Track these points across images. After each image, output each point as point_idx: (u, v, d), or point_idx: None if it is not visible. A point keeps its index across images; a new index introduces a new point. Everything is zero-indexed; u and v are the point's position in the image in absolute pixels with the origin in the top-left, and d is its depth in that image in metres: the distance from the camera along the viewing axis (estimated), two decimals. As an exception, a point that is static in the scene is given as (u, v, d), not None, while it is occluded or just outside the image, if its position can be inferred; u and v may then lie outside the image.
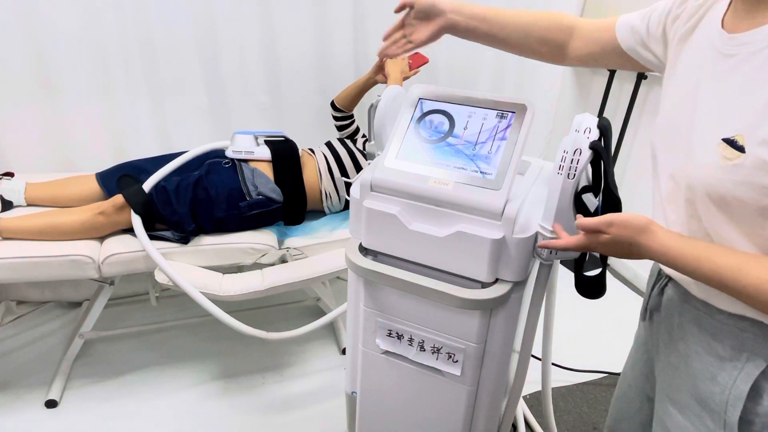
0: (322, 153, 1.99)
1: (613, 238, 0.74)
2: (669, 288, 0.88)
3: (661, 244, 0.71)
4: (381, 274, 1.00)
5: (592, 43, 1.01)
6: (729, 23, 0.74)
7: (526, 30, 1.04)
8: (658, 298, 0.90)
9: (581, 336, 2.16)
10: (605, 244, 0.75)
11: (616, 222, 0.73)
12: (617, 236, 0.73)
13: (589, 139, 0.84)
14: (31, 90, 1.95)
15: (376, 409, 1.23)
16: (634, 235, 0.72)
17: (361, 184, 1.02)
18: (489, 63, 2.53)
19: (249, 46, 2.14)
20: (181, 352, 2.02)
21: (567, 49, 1.04)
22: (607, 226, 0.74)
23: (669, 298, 0.87)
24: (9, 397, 1.79)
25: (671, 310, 0.86)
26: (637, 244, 0.73)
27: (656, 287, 0.91)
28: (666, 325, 0.88)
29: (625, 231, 0.73)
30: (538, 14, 1.05)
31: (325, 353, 2.06)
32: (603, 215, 0.75)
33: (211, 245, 1.73)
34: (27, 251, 1.58)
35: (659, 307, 0.90)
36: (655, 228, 0.72)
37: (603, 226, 0.74)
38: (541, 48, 1.05)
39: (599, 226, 0.75)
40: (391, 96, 1.16)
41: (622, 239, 0.73)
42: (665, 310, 0.88)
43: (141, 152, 2.02)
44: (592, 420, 1.82)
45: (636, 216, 0.73)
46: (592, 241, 0.77)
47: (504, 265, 0.95)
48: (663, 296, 0.89)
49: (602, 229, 0.74)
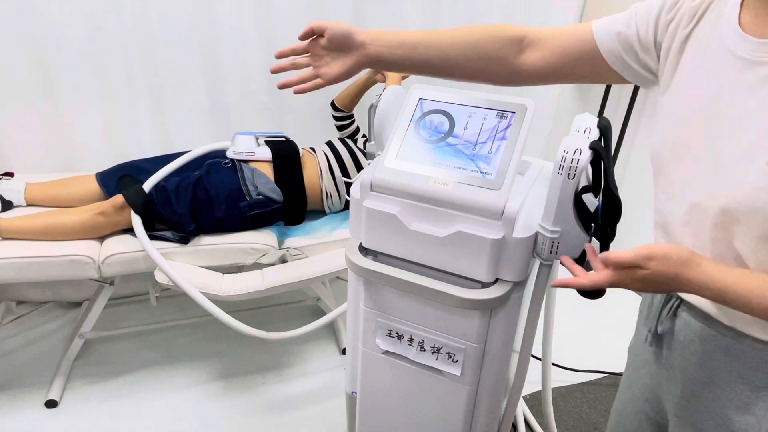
0: (323, 152, 1.99)
1: (652, 274, 0.66)
2: (683, 311, 0.81)
3: (710, 278, 0.65)
4: (381, 274, 1.00)
5: (555, 51, 0.87)
6: (751, 26, 0.67)
7: (468, 47, 0.89)
8: (670, 321, 0.83)
9: (581, 336, 2.16)
10: (642, 281, 0.67)
11: (656, 255, 0.65)
12: (657, 271, 0.66)
13: (589, 139, 0.84)
14: (32, 90, 1.95)
15: (376, 409, 1.23)
16: (678, 268, 0.65)
17: (361, 184, 1.02)
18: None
19: (249, 47, 2.14)
20: (181, 352, 2.02)
21: (519, 63, 0.90)
22: (645, 260, 0.66)
23: (685, 322, 0.80)
24: (9, 397, 1.79)
25: (689, 335, 0.80)
26: (681, 279, 0.66)
27: (666, 309, 0.84)
28: (683, 351, 0.81)
29: (668, 265, 0.65)
30: (478, 28, 0.90)
31: (325, 353, 2.06)
32: (640, 248, 0.67)
33: (211, 245, 1.73)
34: (27, 251, 1.58)
35: (672, 332, 0.83)
36: (699, 259, 0.66)
37: (641, 261, 0.66)
38: (489, 66, 0.90)
39: (636, 261, 0.66)
40: (391, 96, 1.16)
41: (663, 274, 0.66)
42: (681, 335, 0.81)
43: (141, 152, 2.02)
44: (592, 420, 1.82)
45: (676, 247, 0.66)
46: (626, 278, 0.68)
47: (504, 265, 0.95)
48: (676, 320, 0.82)
49: (640, 264, 0.66)
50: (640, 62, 0.81)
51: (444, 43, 0.89)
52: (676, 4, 0.76)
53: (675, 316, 0.83)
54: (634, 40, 0.80)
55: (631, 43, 0.80)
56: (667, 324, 0.84)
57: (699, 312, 0.78)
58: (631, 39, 0.80)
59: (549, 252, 0.93)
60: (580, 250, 0.93)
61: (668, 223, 0.77)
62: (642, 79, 0.84)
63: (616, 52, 0.82)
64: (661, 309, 0.85)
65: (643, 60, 0.81)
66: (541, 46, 0.88)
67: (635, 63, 0.82)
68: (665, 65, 0.78)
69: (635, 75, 0.84)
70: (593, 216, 0.92)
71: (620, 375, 1.97)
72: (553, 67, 0.88)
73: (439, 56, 0.90)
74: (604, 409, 1.87)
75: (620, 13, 0.83)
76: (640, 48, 0.80)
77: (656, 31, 0.78)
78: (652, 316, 0.87)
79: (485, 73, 0.92)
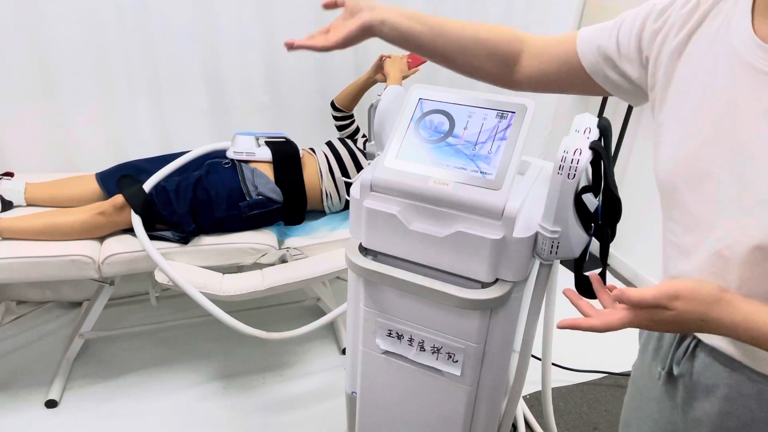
0: (323, 152, 1.99)
1: (678, 314, 0.60)
2: (701, 352, 0.73)
3: (746, 318, 0.59)
4: (381, 274, 1.00)
5: (546, 60, 0.85)
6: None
7: (472, 40, 0.87)
8: (687, 363, 0.75)
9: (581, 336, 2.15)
10: (666, 323, 0.61)
11: (682, 294, 0.59)
12: (684, 311, 0.59)
13: (589, 139, 0.84)
14: (32, 90, 1.95)
15: (376, 409, 1.23)
16: (707, 308, 0.59)
17: (361, 184, 1.02)
18: (489, 63, 2.53)
19: (249, 46, 2.14)
20: (181, 352, 2.02)
21: (517, 67, 0.88)
22: (670, 299, 0.59)
23: (706, 365, 0.73)
24: (9, 397, 1.79)
25: (713, 380, 0.72)
26: (712, 320, 0.60)
27: (681, 350, 0.76)
28: (708, 397, 0.74)
29: (696, 305, 0.59)
30: (486, 25, 0.89)
31: (325, 353, 2.06)
32: (663, 286, 0.60)
33: (211, 245, 1.73)
34: (27, 251, 1.58)
35: (690, 374, 0.76)
36: (731, 297, 0.60)
37: (665, 301, 0.59)
38: (488, 64, 0.89)
39: (660, 301, 0.59)
40: (391, 96, 1.16)
41: (690, 314, 0.60)
42: (703, 378, 0.74)
43: (141, 152, 2.02)
44: (592, 420, 1.82)
45: (704, 284, 0.61)
46: (647, 319, 0.62)
47: (504, 265, 0.95)
48: (695, 362, 0.74)
49: (664, 304, 0.60)
50: (622, 74, 0.77)
51: (452, 30, 0.87)
52: (664, 13, 0.71)
53: (693, 357, 0.75)
54: (614, 52, 0.76)
55: (611, 56, 0.77)
56: (684, 366, 0.76)
57: (721, 354, 0.71)
58: (611, 52, 0.77)
59: (549, 252, 0.93)
60: (580, 250, 0.93)
61: (686, 258, 0.70)
62: (627, 94, 0.80)
63: (597, 66, 0.79)
64: (675, 348, 0.77)
65: (624, 71, 0.77)
66: (535, 52, 0.86)
67: (618, 76, 0.78)
68: (655, 78, 0.72)
69: (618, 89, 0.80)
70: (593, 216, 0.92)
71: (620, 375, 1.99)
72: (543, 75, 0.86)
73: (443, 40, 0.87)
74: (604, 409, 1.87)
75: (607, 23, 0.79)
76: (621, 59, 0.76)
77: (640, 43, 0.73)
78: (663, 354, 0.80)
79: (483, 70, 0.90)
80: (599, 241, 0.93)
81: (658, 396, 0.84)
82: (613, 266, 2.78)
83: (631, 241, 2.66)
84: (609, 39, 0.77)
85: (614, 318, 0.64)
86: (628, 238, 2.66)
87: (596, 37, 0.79)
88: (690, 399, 0.77)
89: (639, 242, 2.62)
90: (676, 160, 0.68)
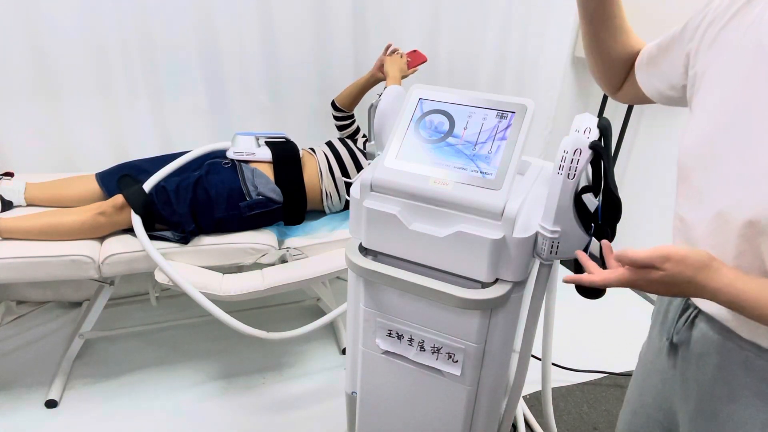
0: (323, 152, 1.99)
1: (667, 275, 0.64)
2: (701, 322, 0.78)
3: (729, 284, 0.63)
4: (381, 274, 1.00)
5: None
6: None
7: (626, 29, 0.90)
8: (686, 332, 0.81)
9: (581, 336, 2.16)
10: (656, 282, 0.65)
11: (672, 257, 0.63)
12: (672, 273, 0.64)
13: (589, 139, 0.84)
14: (31, 90, 1.95)
15: (376, 409, 1.23)
16: (694, 272, 0.64)
17: (361, 184, 1.02)
18: (489, 63, 2.53)
19: (249, 46, 2.14)
20: (181, 352, 2.02)
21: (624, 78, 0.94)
22: (662, 261, 0.64)
23: (702, 333, 0.78)
24: (9, 397, 1.79)
25: (707, 348, 0.77)
26: (697, 283, 0.64)
27: (683, 319, 0.81)
28: (699, 364, 0.79)
29: (683, 267, 0.64)
30: None
31: (325, 353, 2.06)
32: (657, 248, 0.65)
33: (211, 245, 1.73)
34: (27, 251, 1.58)
35: (688, 343, 0.81)
36: (718, 264, 0.64)
37: (657, 261, 0.64)
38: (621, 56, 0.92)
39: (652, 261, 0.64)
40: (391, 95, 1.16)
41: (678, 277, 0.64)
42: (698, 347, 0.79)
43: (141, 152, 2.02)
44: (592, 420, 1.82)
45: (695, 251, 0.65)
46: (640, 278, 0.66)
47: (504, 265, 0.95)
48: (693, 330, 0.79)
49: (656, 264, 0.64)
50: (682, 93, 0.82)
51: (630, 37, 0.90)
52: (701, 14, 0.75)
53: (692, 327, 0.80)
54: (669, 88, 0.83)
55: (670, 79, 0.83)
56: (683, 334, 0.81)
57: (717, 323, 0.75)
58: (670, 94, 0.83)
59: (549, 252, 0.93)
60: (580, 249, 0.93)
61: (689, 230, 0.75)
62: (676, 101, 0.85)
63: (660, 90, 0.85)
64: (678, 318, 0.82)
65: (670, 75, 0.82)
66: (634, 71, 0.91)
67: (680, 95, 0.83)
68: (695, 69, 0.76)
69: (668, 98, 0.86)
70: (593, 216, 0.92)
71: (620, 375, 1.99)
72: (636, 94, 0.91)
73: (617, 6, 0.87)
74: (604, 409, 1.87)
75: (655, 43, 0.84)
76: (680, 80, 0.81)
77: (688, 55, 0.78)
78: (668, 325, 0.85)
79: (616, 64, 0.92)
80: (599, 241, 0.93)
81: (661, 367, 0.88)
82: (613, 266, 2.78)
83: (631, 241, 2.66)
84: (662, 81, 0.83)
85: (613, 276, 0.68)
86: (628, 238, 2.66)
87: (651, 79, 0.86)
88: (686, 367, 0.81)
89: (639, 242, 2.62)
90: (695, 142, 0.73)
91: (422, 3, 2.30)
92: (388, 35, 2.29)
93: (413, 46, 2.21)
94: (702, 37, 0.74)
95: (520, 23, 2.49)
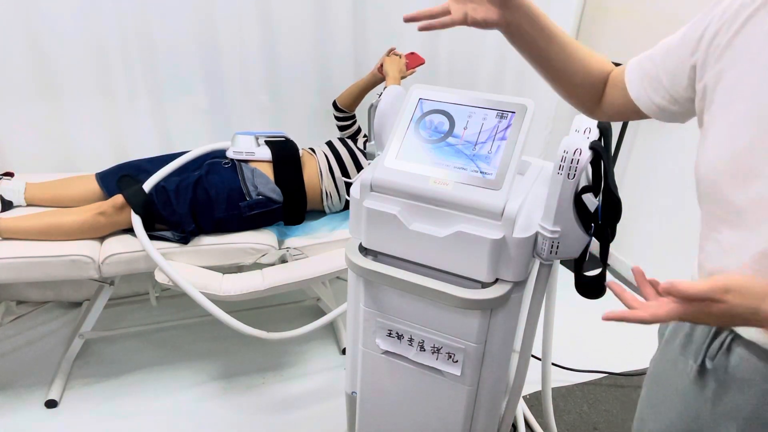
0: (323, 152, 1.99)
1: (729, 308, 0.60)
2: (738, 347, 0.74)
3: None
4: (381, 274, 1.00)
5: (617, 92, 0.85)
6: None
7: (578, 57, 0.87)
8: (723, 358, 0.76)
9: (581, 336, 2.16)
10: (715, 315, 0.61)
11: (733, 287, 0.59)
12: (736, 305, 0.60)
13: (589, 139, 0.84)
14: (31, 90, 1.95)
15: (376, 409, 1.23)
16: (759, 303, 0.60)
17: (361, 184, 1.02)
18: (489, 63, 2.53)
19: (249, 46, 2.14)
20: (181, 352, 2.02)
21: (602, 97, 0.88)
22: (722, 293, 0.59)
23: (742, 359, 0.73)
24: (9, 397, 1.79)
25: (750, 374, 0.73)
26: (763, 312, 0.60)
27: (717, 343, 0.76)
28: (742, 390, 0.75)
29: (747, 298, 0.59)
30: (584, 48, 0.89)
31: (325, 353, 2.06)
32: (714, 280, 0.60)
33: (211, 245, 1.73)
34: (27, 251, 1.58)
35: (725, 368, 0.76)
36: None
37: (717, 294, 0.59)
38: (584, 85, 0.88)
39: (712, 294, 0.59)
40: (392, 96, 1.16)
41: (741, 308, 0.60)
42: (739, 372, 0.74)
43: (141, 152, 2.02)
44: (592, 420, 1.82)
45: (753, 279, 0.61)
46: (697, 312, 0.61)
47: (504, 265, 0.95)
48: (731, 356, 0.75)
49: (716, 297, 0.60)
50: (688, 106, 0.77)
51: (565, 38, 0.86)
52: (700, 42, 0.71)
53: (729, 352, 0.75)
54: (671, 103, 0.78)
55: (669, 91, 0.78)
56: (719, 360, 0.76)
57: (758, 348, 0.71)
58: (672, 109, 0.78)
59: (549, 252, 0.93)
60: (580, 250, 0.93)
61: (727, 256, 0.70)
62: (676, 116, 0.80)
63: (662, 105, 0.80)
64: (709, 342, 0.77)
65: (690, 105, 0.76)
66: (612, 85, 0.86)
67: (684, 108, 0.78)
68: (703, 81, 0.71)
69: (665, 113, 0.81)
70: (593, 216, 0.92)
71: (620, 375, 1.99)
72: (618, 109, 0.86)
73: (557, 45, 0.85)
74: (604, 409, 1.87)
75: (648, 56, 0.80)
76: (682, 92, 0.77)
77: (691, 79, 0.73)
78: (695, 348, 0.80)
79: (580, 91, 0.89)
80: (599, 241, 0.93)
81: (684, 389, 0.84)
82: (613, 266, 2.78)
83: (631, 241, 2.66)
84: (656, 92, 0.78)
85: (663, 311, 0.63)
86: (628, 238, 2.66)
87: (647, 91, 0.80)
88: (722, 393, 0.77)
89: (639, 242, 2.62)
90: (721, 157, 0.68)
91: (422, 3, 2.30)
92: (388, 35, 2.29)
93: (414, 46, 2.21)
94: (708, 48, 0.70)
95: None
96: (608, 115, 0.89)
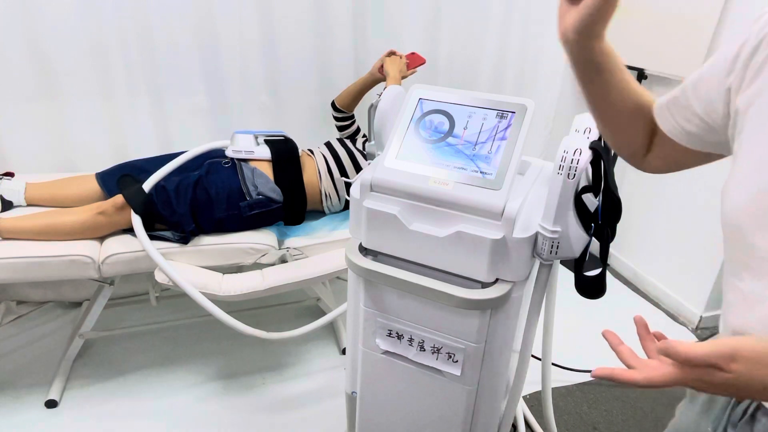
0: (321, 154, 1.99)
1: (735, 379, 0.51)
2: (763, 416, 0.65)
3: None
4: (381, 274, 1.00)
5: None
6: None
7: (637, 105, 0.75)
8: (746, 427, 0.67)
9: (581, 336, 2.16)
10: (719, 386, 0.52)
11: (741, 355, 0.50)
12: (742, 376, 0.50)
13: (589, 139, 0.84)
14: (31, 90, 1.95)
15: (376, 409, 1.23)
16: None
17: (361, 184, 1.02)
18: (489, 63, 2.53)
19: (249, 46, 2.14)
20: (181, 352, 2.02)
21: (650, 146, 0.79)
22: (727, 360, 0.50)
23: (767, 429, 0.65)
24: (9, 397, 1.79)
25: None
26: None
27: (739, 410, 0.68)
28: None
29: (756, 368, 0.50)
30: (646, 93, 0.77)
31: (325, 353, 2.06)
32: (718, 344, 0.51)
33: (211, 245, 1.73)
34: (27, 251, 1.58)
35: None
36: None
37: (722, 361, 0.50)
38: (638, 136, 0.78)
39: (715, 360, 0.51)
40: (391, 96, 1.16)
41: (749, 381, 0.50)
42: None
43: (141, 152, 2.02)
44: (592, 420, 1.82)
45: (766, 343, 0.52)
46: (696, 379, 0.53)
47: (504, 265, 0.95)
48: (756, 424, 0.66)
49: (719, 364, 0.51)
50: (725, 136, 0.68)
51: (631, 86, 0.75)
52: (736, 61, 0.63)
53: (753, 420, 0.66)
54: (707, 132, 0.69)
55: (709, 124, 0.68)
56: (742, 429, 0.67)
57: None
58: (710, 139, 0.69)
59: (549, 252, 0.93)
60: (580, 250, 0.93)
61: (752, 308, 0.61)
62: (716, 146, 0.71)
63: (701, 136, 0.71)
64: (730, 410, 0.68)
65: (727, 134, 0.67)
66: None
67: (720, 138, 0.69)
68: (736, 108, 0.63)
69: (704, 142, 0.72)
70: (593, 216, 0.92)
71: (620, 375, 1.99)
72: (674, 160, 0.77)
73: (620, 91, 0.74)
74: (604, 409, 1.87)
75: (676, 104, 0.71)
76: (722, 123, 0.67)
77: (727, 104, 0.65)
78: (716, 414, 0.72)
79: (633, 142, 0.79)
80: (599, 241, 0.93)
81: None
82: (613, 266, 2.78)
83: (631, 241, 2.66)
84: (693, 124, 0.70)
85: (658, 373, 0.55)
86: (628, 238, 2.66)
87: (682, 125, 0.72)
88: None
89: (639, 242, 2.62)
90: (746, 195, 0.59)
91: (422, 3, 2.30)
92: (388, 35, 2.29)
93: (414, 46, 2.21)
94: (744, 68, 0.61)
95: (520, 23, 2.49)
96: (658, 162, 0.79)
